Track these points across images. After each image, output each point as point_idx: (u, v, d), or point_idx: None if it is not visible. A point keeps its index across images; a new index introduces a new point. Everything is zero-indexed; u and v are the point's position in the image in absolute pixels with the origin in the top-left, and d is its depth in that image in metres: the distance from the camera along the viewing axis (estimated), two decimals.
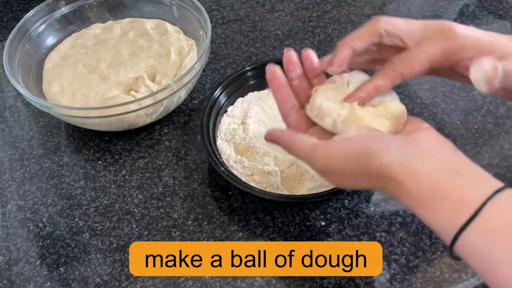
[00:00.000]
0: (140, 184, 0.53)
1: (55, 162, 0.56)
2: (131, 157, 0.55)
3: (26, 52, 0.60)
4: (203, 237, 0.47)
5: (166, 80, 0.58)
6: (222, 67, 0.65)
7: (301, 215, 0.49)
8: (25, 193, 0.53)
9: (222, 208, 0.50)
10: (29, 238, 0.49)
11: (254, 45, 0.68)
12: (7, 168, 0.55)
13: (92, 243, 0.48)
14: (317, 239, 0.47)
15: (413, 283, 0.43)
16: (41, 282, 0.45)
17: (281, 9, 0.74)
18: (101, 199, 0.51)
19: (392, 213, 0.48)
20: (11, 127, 0.60)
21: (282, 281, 0.44)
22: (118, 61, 0.61)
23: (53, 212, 0.51)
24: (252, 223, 0.48)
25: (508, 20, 0.71)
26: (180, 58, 0.61)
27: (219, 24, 0.72)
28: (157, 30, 0.65)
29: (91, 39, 0.65)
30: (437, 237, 0.46)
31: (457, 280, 0.43)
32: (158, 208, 0.50)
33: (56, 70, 0.61)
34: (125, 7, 0.68)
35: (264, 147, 0.52)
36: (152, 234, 0.48)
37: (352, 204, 0.49)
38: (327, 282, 0.44)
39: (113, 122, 0.54)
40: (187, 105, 0.61)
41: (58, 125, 0.60)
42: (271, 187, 0.49)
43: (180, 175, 0.53)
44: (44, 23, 0.63)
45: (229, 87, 0.56)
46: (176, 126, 0.58)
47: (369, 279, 0.43)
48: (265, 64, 0.62)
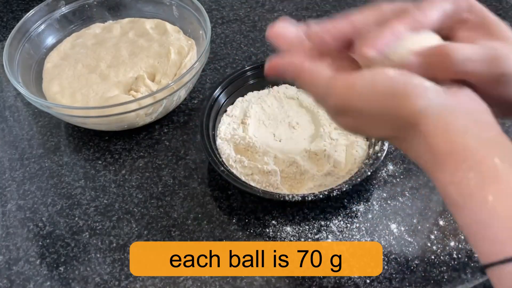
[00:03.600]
0: (140, 184, 0.53)
1: (55, 161, 0.56)
2: (131, 157, 0.55)
3: (26, 52, 0.60)
4: (202, 237, 0.48)
5: (166, 80, 0.58)
6: (221, 67, 0.65)
7: (300, 214, 0.49)
8: (25, 192, 0.53)
9: (221, 207, 0.50)
10: (29, 237, 0.49)
11: (254, 45, 0.68)
12: (7, 168, 0.55)
13: (92, 243, 0.48)
14: (317, 239, 0.47)
15: (413, 283, 0.43)
16: (41, 282, 0.45)
17: (281, 9, 0.74)
18: (101, 199, 0.51)
19: (392, 213, 0.48)
20: (11, 127, 0.60)
21: (282, 280, 0.44)
22: (118, 61, 0.61)
23: (53, 211, 0.51)
24: (252, 222, 0.48)
25: (508, 20, 0.71)
26: (180, 58, 0.61)
27: (218, 24, 0.72)
28: (157, 30, 0.65)
29: (91, 39, 0.65)
30: (438, 237, 0.46)
31: (457, 280, 0.43)
32: (157, 207, 0.50)
33: (56, 70, 0.61)
34: (125, 7, 0.68)
35: (263, 147, 0.52)
36: (151, 233, 0.48)
37: (352, 203, 0.49)
38: (327, 282, 0.43)
39: (113, 122, 0.54)
40: (186, 104, 0.61)
41: (58, 124, 0.60)
42: (270, 186, 0.49)
43: (179, 175, 0.53)
44: (44, 23, 0.63)
45: (228, 87, 0.56)
46: (176, 125, 0.58)
47: (369, 279, 0.43)
48: (264, 64, 0.62)
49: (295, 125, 0.54)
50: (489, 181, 0.27)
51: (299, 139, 0.53)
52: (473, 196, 0.27)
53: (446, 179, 0.29)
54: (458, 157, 0.28)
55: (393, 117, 0.30)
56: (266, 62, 0.36)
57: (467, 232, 0.29)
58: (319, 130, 0.53)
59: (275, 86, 0.58)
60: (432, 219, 0.48)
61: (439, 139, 0.29)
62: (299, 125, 0.55)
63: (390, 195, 0.50)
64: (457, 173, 0.28)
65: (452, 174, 0.28)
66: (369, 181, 0.51)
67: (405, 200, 0.49)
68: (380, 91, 0.30)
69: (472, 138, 0.28)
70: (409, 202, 0.49)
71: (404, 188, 0.50)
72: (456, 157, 0.28)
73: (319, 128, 0.53)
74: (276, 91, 0.58)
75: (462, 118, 0.29)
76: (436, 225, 0.47)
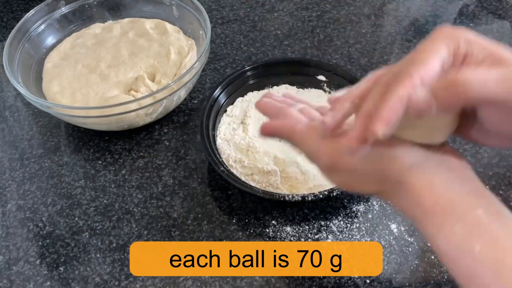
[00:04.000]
0: (140, 184, 0.53)
1: (55, 161, 0.56)
2: (131, 157, 0.55)
3: (26, 52, 0.60)
4: (202, 237, 0.47)
5: (166, 80, 0.58)
6: (221, 67, 0.65)
7: (300, 214, 0.49)
8: (25, 192, 0.53)
9: (221, 207, 0.50)
10: (29, 237, 0.49)
11: (253, 45, 0.68)
12: (7, 168, 0.55)
13: (92, 243, 0.48)
14: (317, 239, 0.47)
15: (413, 283, 0.43)
16: (41, 282, 0.45)
17: (281, 9, 0.74)
18: (100, 199, 0.51)
19: (392, 213, 0.48)
20: (11, 127, 0.60)
21: (282, 280, 0.44)
22: (118, 61, 0.61)
23: (53, 211, 0.51)
24: (252, 222, 0.48)
25: (508, 20, 0.71)
26: (180, 58, 0.61)
27: (218, 24, 0.72)
28: (157, 30, 0.65)
29: (91, 39, 0.65)
30: None
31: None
32: (157, 207, 0.50)
33: (56, 70, 0.61)
34: (125, 7, 0.68)
35: (263, 147, 0.52)
36: (151, 233, 0.48)
37: (352, 203, 0.49)
38: (327, 282, 0.43)
39: (113, 122, 0.54)
40: (186, 104, 0.61)
41: (58, 124, 0.60)
42: (270, 186, 0.49)
43: (179, 175, 0.53)
44: (44, 23, 0.63)
45: (228, 87, 0.56)
46: (176, 125, 0.58)
47: (369, 279, 0.43)
48: (264, 64, 0.62)
49: None
50: (474, 231, 0.28)
51: None
52: (461, 247, 0.28)
53: (434, 231, 0.30)
54: (444, 211, 0.29)
55: (380, 176, 0.32)
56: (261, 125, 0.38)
57: (461, 282, 0.29)
58: None
59: (275, 86, 0.58)
60: None
61: (424, 194, 0.30)
62: None
63: None
64: (445, 226, 0.29)
65: (439, 226, 0.29)
66: None
67: None
68: (367, 154, 0.31)
69: (455, 192, 0.30)
70: None
71: None
72: (442, 211, 0.29)
73: None
74: (276, 91, 0.58)
75: (445, 173, 0.30)
76: None
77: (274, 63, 0.59)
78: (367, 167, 0.32)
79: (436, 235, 0.30)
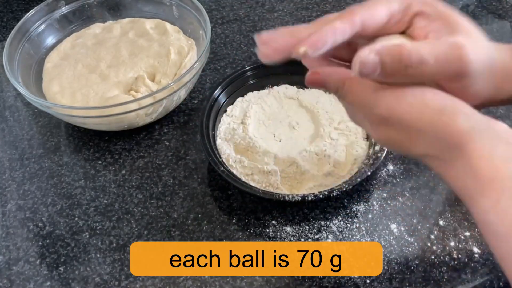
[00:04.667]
0: (140, 184, 0.53)
1: (55, 161, 0.56)
2: (131, 157, 0.55)
3: (26, 52, 0.60)
4: (202, 237, 0.47)
5: (166, 80, 0.58)
6: (221, 67, 0.65)
7: (300, 214, 0.49)
8: (25, 192, 0.53)
9: (221, 207, 0.50)
10: (29, 237, 0.49)
11: (254, 45, 0.67)
12: (7, 168, 0.55)
13: (92, 243, 0.48)
14: (317, 239, 0.47)
15: (413, 283, 0.43)
16: (41, 282, 0.45)
17: (281, 9, 0.74)
18: (101, 199, 0.51)
19: (392, 213, 0.48)
20: (11, 127, 0.60)
21: (282, 280, 0.44)
22: (118, 61, 0.61)
23: (53, 211, 0.51)
24: (252, 222, 0.48)
25: (508, 20, 0.71)
26: (180, 58, 0.61)
27: (218, 24, 0.72)
28: (156, 30, 0.65)
29: (91, 39, 0.65)
30: (438, 237, 0.46)
31: (457, 280, 0.43)
32: (157, 207, 0.50)
33: (56, 70, 0.61)
34: (125, 7, 0.68)
35: (264, 147, 0.52)
36: (151, 233, 0.48)
37: (352, 203, 0.49)
38: (327, 282, 0.43)
39: (113, 122, 0.54)
40: (186, 104, 0.61)
41: (58, 124, 0.60)
42: (270, 186, 0.49)
43: (179, 175, 0.53)
44: (44, 23, 0.63)
45: (228, 87, 0.56)
46: (176, 125, 0.58)
47: (369, 279, 0.43)
48: (264, 64, 0.62)
49: (295, 125, 0.54)
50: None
51: (299, 139, 0.53)
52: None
53: (488, 206, 0.28)
54: (503, 185, 0.27)
55: (439, 134, 0.30)
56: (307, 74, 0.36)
57: (506, 263, 0.28)
58: (319, 130, 0.53)
59: (275, 86, 0.58)
60: (432, 219, 0.48)
61: (484, 163, 0.28)
62: (299, 125, 0.55)
63: (390, 195, 0.50)
64: (500, 201, 0.27)
65: (494, 201, 0.27)
66: (369, 181, 0.51)
67: (405, 200, 0.49)
68: (430, 105, 0.30)
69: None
70: (409, 202, 0.49)
71: (404, 188, 0.50)
72: (500, 185, 0.27)
73: (319, 128, 0.53)
74: (276, 91, 0.58)
75: (505, 146, 0.28)
76: (436, 225, 0.47)
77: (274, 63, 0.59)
78: (426, 120, 0.30)
79: (490, 210, 0.28)
